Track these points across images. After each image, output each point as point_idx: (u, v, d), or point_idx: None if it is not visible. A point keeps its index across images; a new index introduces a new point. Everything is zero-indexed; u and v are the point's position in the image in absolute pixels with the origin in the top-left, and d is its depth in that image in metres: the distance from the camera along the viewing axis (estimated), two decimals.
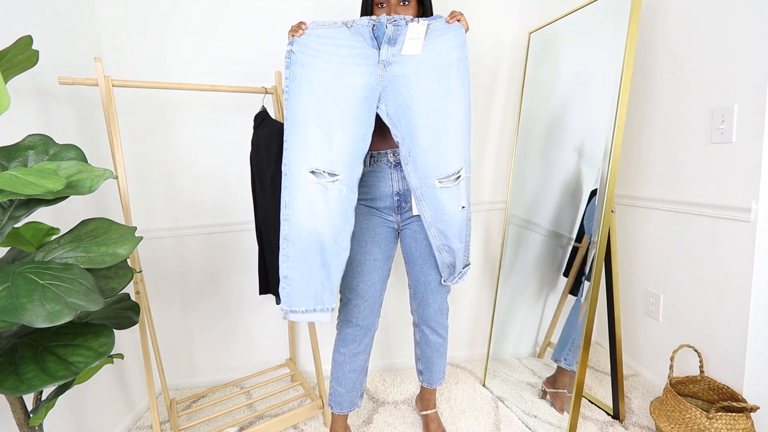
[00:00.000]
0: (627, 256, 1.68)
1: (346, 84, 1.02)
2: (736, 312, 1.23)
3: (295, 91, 1.02)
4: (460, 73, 1.04)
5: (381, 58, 1.04)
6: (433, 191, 1.08)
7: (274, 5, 1.57)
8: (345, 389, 1.25)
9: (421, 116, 1.03)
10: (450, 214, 1.10)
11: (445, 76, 1.03)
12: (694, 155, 1.34)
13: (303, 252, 1.05)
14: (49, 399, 0.80)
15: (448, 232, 1.12)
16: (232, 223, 1.68)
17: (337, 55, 1.02)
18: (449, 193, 1.08)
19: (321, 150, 1.03)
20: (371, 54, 1.03)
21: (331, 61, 1.02)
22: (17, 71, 0.82)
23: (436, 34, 1.03)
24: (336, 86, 1.02)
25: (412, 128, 1.04)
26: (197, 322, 1.74)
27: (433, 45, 1.03)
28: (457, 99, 1.04)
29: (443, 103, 1.04)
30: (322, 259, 1.06)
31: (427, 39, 1.03)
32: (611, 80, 1.22)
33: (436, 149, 1.05)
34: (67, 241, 0.78)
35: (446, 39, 1.03)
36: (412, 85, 1.03)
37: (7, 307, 0.58)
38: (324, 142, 1.03)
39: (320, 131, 1.02)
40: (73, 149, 0.85)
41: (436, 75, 1.03)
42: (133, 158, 1.58)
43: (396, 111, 1.05)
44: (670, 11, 1.40)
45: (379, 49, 1.04)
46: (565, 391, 1.39)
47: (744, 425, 1.11)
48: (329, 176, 1.03)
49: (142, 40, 1.53)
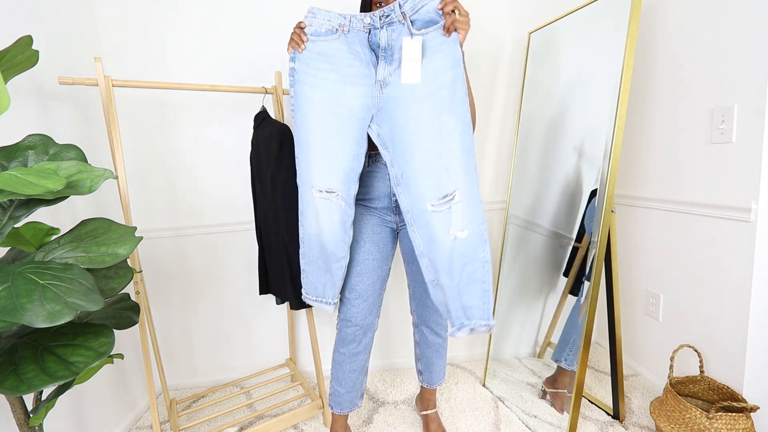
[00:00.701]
0: (627, 256, 1.68)
1: (344, 105, 1.05)
2: (736, 312, 1.23)
3: (299, 110, 1.08)
4: (455, 92, 0.98)
5: (378, 78, 1.04)
6: (424, 215, 1.03)
7: (274, 5, 1.58)
8: (345, 389, 1.25)
9: (416, 138, 1.00)
10: (440, 242, 1.01)
11: (441, 96, 0.99)
12: (694, 155, 1.34)
13: (312, 254, 1.18)
14: (49, 399, 0.80)
15: (438, 265, 1.03)
16: (232, 223, 1.68)
17: (336, 73, 1.05)
18: (441, 217, 1.01)
19: (321, 169, 1.09)
20: (368, 74, 1.04)
21: (331, 80, 1.05)
22: (17, 71, 0.82)
23: (432, 51, 0.99)
24: (335, 107, 1.05)
25: (406, 150, 1.02)
26: (197, 322, 1.74)
27: (429, 65, 0.99)
28: (453, 119, 0.99)
29: (439, 125, 0.99)
30: (325, 263, 1.17)
31: (423, 57, 1.00)
32: (611, 80, 1.22)
33: (429, 171, 1.01)
34: (67, 241, 0.78)
35: (441, 57, 0.98)
36: (409, 107, 1.00)
37: (7, 307, 0.58)
38: (324, 162, 1.08)
39: (321, 152, 1.08)
40: (73, 149, 0.85)
41: (432, 96, 0.99)
42: (133, 158, 1.58)
43: (389, 133, 1.04)
44: (670, 11, 1.40)
45: (377, 66, 1.03)
46: (565, 391, 1.39)
47: (744, 425, 1.11)
48: (327, 192, 1.10)
49: (142, 40, 1.53)
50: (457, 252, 1.02)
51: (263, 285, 1.46)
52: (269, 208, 1.32)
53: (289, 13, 1.58)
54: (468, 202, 1.01)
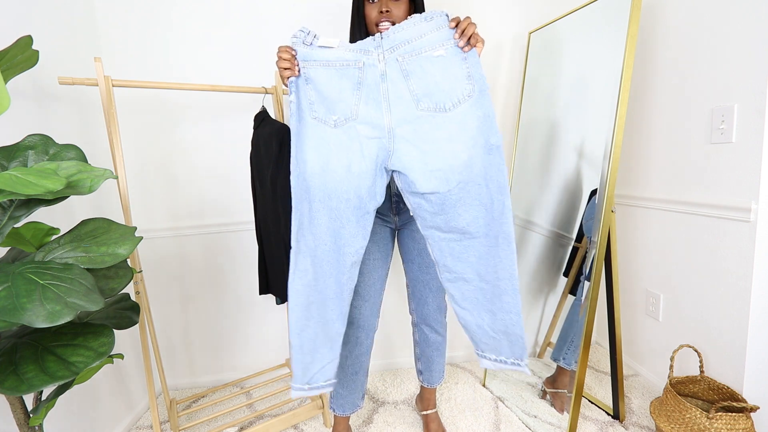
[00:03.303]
0: (627, 256, 1.68)
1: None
2: (736, 312, 1.23)
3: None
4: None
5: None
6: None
7: (275, 5, 1.57)
8: (347, 391, 1.24)
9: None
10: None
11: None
12: (694, 155, 1.34)
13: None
14: (49, 399, 0.80)
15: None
16: (232, 223, 1.68)
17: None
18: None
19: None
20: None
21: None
22: (17, 71, 0.82)
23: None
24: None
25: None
26: (197, 322, 1.74)
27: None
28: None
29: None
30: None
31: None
32: (611, 80, 1.22)
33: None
34: (67, 241, 0.78)
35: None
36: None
37: (7, 307, 0.58)
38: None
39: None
40: (73, 149, 0.85)
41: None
42: (133, 158, 1.58)
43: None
44: (670, 11, 1.40)
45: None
46: (565, 391, 1.39)
47: (744, 425, 1.11)
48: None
49: (142, 40, 1.53)
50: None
51: (263, 285, 1.46)
52: (269, 208, 1.32)
53: (289, 13, 1.58)
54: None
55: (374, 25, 1.08)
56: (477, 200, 0.94)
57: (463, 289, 1.02)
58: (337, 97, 0.95)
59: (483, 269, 0.99)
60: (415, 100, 0.93)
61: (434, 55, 0.92)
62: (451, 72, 0.92)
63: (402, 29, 0.92)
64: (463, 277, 1.00)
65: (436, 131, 0.93)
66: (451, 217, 0.95)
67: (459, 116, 0.92)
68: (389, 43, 0.92)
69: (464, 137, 0.92)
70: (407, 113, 0.94)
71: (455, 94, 0.92)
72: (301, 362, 1.04)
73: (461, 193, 0.93)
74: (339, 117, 0.95)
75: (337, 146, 0.95)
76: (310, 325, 1.03)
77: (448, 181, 0.92)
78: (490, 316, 1.02)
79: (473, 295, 1.01)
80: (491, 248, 0.97)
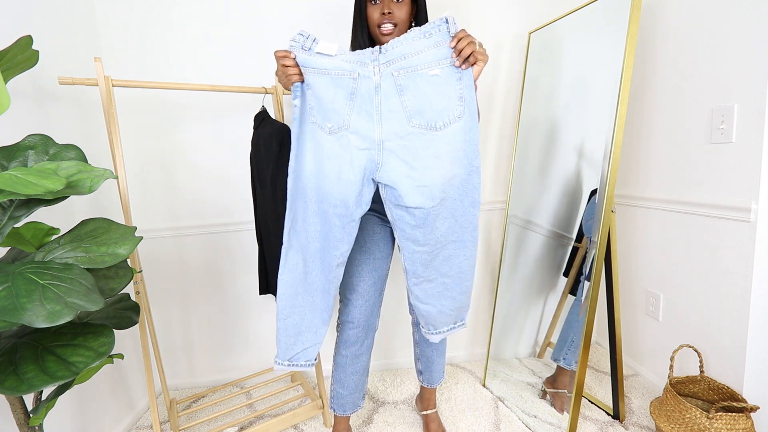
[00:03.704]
0: (627, 256, 1.68)
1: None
2: (736, 312, 1.23)
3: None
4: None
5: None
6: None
7: (275, 5, 1.57)
8: (348, 391, 1.24)
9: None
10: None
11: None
12: (694, 155, 1.34)
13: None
14: (49, 399, 0.80)
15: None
16: (232, 223, 1.68)
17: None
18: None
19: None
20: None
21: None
22: (17, 71, 0.82)
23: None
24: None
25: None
26: (197, 322, 1.74)
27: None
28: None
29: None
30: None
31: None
32: (611, 80, 1.22)
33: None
34: (67, 241, 0.78)
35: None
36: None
37: (7, 307, 0.58)
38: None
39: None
40: (73, 149, 0.85)
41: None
42: (133, 158, 1.58)
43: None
44: (670, 11, 1.40)
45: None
46: (565, 391, 1.39)
47: (744, 425, 1.11)
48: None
49: (142, 39, 1.53)
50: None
51: (263, 285, 1.46)
52: (269, 208, 1.32)
53: (289, 13, 1.58)
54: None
55: (376, 26, 1.09)
56: (451, 214, 1.00)
57: (427, 287, 1.08)
58: (331, 106, 0.97)
59: (448, 269, 1.05)
60: (407, 116, 0.96)
61: (430, 74, 0.94)
62: (444, 92, 0.94)
63: (400, 44, 0.93)
64: (428, 279, 1.06)
65: (426, 149, 0.96)
66: (429, 230, 1.00)
67: (449, 136, 0.95)
68: (386, 57, 0.94)
69: (452, 157, 0.96)
70: (398, 128, 0.96)
71: (447, 114, 0.95)
72: (284, 342, 1.09)
73: (440, 208, 0.98)
74: (333, 125, 0.98)
75: (330, 153, 0.98)
76: (295, 312, 1.08)
77: (433, 197, 0.97)
78: (450, 301, 1.09)
79: (436, 291, 1.08)
80: (457, 250, 1.04)
